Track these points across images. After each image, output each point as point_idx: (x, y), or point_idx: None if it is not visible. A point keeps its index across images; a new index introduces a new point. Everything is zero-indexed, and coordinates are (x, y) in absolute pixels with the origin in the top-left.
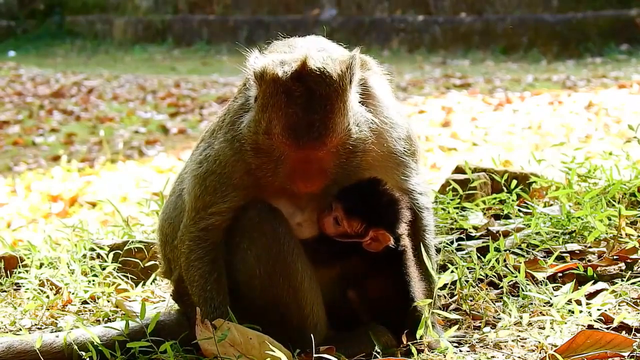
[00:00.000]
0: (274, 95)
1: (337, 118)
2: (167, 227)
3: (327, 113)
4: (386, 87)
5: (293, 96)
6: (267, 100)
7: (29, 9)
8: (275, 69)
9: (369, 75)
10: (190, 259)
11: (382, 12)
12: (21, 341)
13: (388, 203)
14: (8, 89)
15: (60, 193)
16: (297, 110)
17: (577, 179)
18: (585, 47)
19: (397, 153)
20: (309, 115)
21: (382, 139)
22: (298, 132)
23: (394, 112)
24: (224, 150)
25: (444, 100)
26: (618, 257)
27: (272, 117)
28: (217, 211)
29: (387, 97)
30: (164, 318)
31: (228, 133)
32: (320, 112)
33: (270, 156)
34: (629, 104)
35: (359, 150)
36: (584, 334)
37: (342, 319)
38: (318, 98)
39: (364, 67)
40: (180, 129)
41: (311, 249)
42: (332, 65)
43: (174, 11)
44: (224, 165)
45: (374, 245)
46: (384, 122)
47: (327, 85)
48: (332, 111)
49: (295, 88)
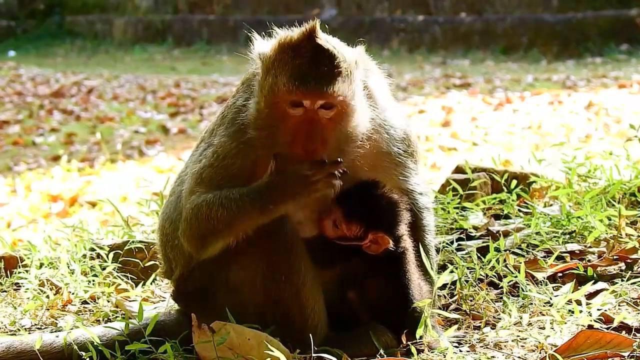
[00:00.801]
0: (282, 53)
1: (343, 79)
2: (168, 227)
3: (333, 67)
4: (385, 89)
5: (301, 52)
6: (274, 61)
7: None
8: (283, 35)
9: (369, 76)
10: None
11: (382, 12)
12: (21, 341)
13: (387, 205)
14: (8, 88)
15: (60, 193)
16: (304, 62)
17: (577, 179)
18: (585, 47)
19: (395, 153)
20: (316, 67)
21: (380, 140)
22: (304, 78)
23: (392, 113)
24: (224, 144)
25: (444, 100)
26: (618, 257)
27: (279, 72)
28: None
29: (386, 98)
30: (163, 318)
31: (229, 128)
32: (328, 66)
33: (272, 123)
34: (629, 104)
35: (358, 137)
36: (584, 334)
37: (343, 320)
38: (326, 55)
39: (364, 67)
40: (180, 128)
41: (311, 250)
42: (339, 43)
43: (174, 11)
44: (222, 157)
45: (374, 248)
46: (382, 122)
47: (334, 47)
48: (338, 67)
49: (303, 45)
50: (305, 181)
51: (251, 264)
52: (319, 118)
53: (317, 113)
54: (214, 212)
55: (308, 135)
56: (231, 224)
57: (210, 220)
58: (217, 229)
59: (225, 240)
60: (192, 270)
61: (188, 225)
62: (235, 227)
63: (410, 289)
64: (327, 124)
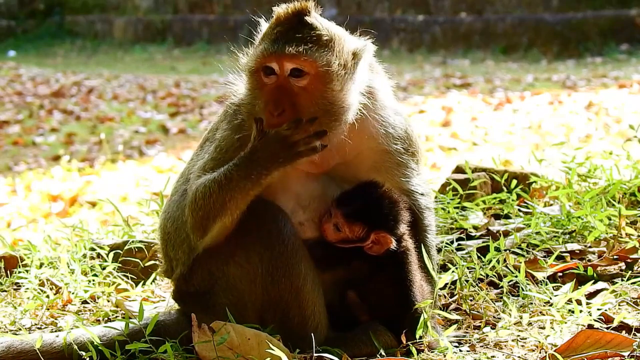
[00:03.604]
0: (269, 26)
1: (319, 47)
2: (170, 226)
3: (309, 35)
4: (389, 90)
5: (283, 22)
6: (261, 34)
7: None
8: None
9: (374, 77)
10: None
11: (382, 12)
12: (21, 341)
13: (388, 205)
14: (8, 88)
15: (60, 193)
16: (283, 29)
17: (577, 179)
18: (585, 47)
19: (396, 152)
20: (292, 33)
21: (382, 139)
22: (276, 41)
23: (394, 112)
24: (226, 137)
25: (444, 100)
26: (618, 256)
27: (260, 42)
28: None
29: (389, 99)
30: (164, 318)
31: (230, 122)
32: (304, 33)
33: (253, 94)
34: (629, 104)
35: (340, 115)
36: (584, 334)
37: (343, 320)
38: (306, 24)
39: (370, 69)
40: (180, 128)
41: (312, 252)
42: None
43: (174, 11)
44: (225, 151)
45: (376, 249)
46: (384, 122)
47: (320, 22)
48: (314, 36)
49: (289, 17)
50: (286, 142)
51: (251, 265)
52: (290, 85)
53: (288, 80)
54: (207, 189)
55: (276, 101)
56: (224, 199)
57: (206, 199)
58: (214, 208)
59: (223, 220)
60: (193, 269)
61: (189, 211)
62: (229, 201)
63: (412, 289)
64: (299, 92)
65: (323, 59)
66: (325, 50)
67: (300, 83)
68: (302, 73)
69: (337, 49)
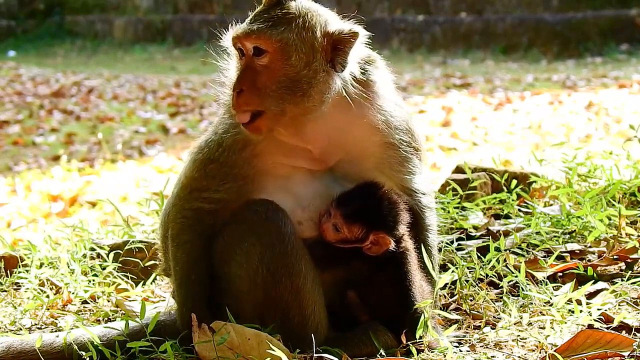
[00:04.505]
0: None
1: (279, 26)
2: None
3: (274, 14)
4: (390, 84)
5: (264, 4)
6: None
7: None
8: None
9: (373, 69)
10: (181, 238)
11: (382, 12)
12: (21, 341)
13: (387, 206)
14: (8, 88)
15: (60, 193)
16: (259, 11)
17: (577, 179)
18: (585, 47)
19: (399, 142)
20: (260, 13)
21: (384, 129)
22: (244, 22)
23: (394, 104)
24: (226, 134)
25: (444, 100)
26: (618, 256)
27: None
28: (208, 197)
29: (389, 92)
30: (164, 318)
31: (230, 118)
32: (270, 13)
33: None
34: (629, 104)
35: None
36: (584, 334)
37: (343, 320)
38: (276, 4)
39: (371, 61)
40: (180, 128)
41: (312, 252)
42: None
43: (174, 11)
44: (227, 153)
45: (375, 249)
46: (384, 113)
47: (298, 3)
48: (279, 15)
49: (267, 2)
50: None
51: (251, 264)
52: (254, 65)
53: (253, 60)
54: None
55: (237, 81)
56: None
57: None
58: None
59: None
60: None
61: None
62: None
63: (411, 289)
64: (262, 70)
65: (279, 35)
66: (285, 27)
67: (262, 61)
68: (262, 51)
69: (300, 26)
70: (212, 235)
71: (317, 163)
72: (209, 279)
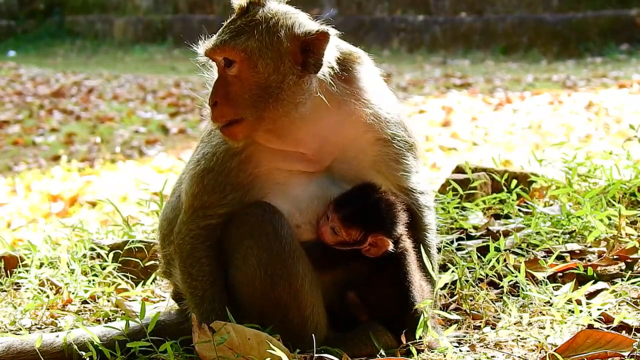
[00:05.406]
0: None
1: (242, 35)
2: (166, 227)
3: (239, 25)
4: (377, 78)
5: (235, 15)
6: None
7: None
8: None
9: (357, 65)
10: (195, 256)
11: (382, 12)
12: (21, 341)
13: (385, 209)
14: (8, 88)
15: (60, 193)
16: (228, 22)
17: (577, 179)
18: (585, 47)
19: (394, 140)
20: (231, 24)
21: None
22: (216, 34)
23: (381, 96)
24: (219, 143)
25: (444, 100)
26: (618, 256)
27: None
28: (214, 214)
29: (374, 85)
30: (164, 318)
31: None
32: (239, 23)
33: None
34: (629, 104)
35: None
36: (584, 334)
37: (343, 320)
38: (247, 14)
39: (354, 58)
40: (180, 128)
41: (310, 254)
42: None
43: (174, 11)
44: (222, 161)
45: (373, 251)
46: (374, 108)
47: (264, 10)
48: (243, 24)
49: (239, 9)
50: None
51: (250, 267)
52: (226, 75)
53: (225, 71)
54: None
55: (211, 94)
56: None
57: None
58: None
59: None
60: None
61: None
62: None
63: (411, 289)
64: (233, 81)
65: (242, 45)
66: (247, 36)
67: (232, 72)
68: (231, 62)
69: (264, 33)
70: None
71: (312, 164)
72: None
